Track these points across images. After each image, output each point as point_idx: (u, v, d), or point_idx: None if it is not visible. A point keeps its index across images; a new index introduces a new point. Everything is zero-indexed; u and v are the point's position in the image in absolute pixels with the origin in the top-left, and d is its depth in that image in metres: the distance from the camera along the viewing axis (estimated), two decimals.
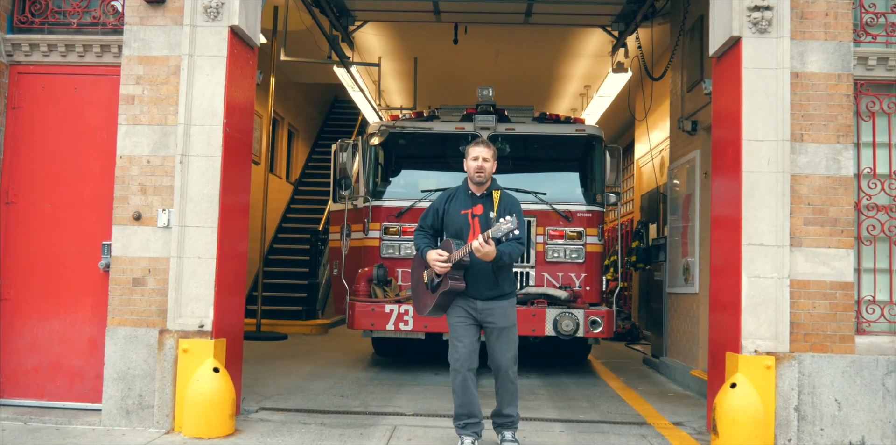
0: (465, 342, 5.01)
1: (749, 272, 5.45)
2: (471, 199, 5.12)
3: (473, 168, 5.06)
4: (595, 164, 9.12)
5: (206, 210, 5.56)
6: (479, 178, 5.06)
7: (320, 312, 13.83)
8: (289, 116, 16.02)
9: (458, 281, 4.94)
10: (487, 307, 5.02)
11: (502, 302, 5.07)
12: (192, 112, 5.60)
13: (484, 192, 5.10)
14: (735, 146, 5.63)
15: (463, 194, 5.17)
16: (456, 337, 5.04)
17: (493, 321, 5.03)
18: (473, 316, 5.03)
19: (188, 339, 5.46)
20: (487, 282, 5.01)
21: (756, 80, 5.55)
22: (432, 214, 5.24)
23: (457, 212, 5.11)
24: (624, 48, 11.11)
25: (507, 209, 5.04)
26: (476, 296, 5.02)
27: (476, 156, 5.06)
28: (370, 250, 8.82)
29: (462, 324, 5.04)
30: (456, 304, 5.08)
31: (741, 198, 5.50)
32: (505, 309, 5.07)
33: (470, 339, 5.02)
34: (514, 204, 5.12)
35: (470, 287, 4.99)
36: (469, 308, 5.03)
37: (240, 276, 6.01)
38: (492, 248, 4.73)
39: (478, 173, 5.05)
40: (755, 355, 5.37)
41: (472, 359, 5.02)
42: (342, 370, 8.72)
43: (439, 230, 5.25)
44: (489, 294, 5.02)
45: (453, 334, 5.07)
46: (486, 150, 5.08)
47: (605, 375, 9.00)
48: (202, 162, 5.59)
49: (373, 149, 9.11)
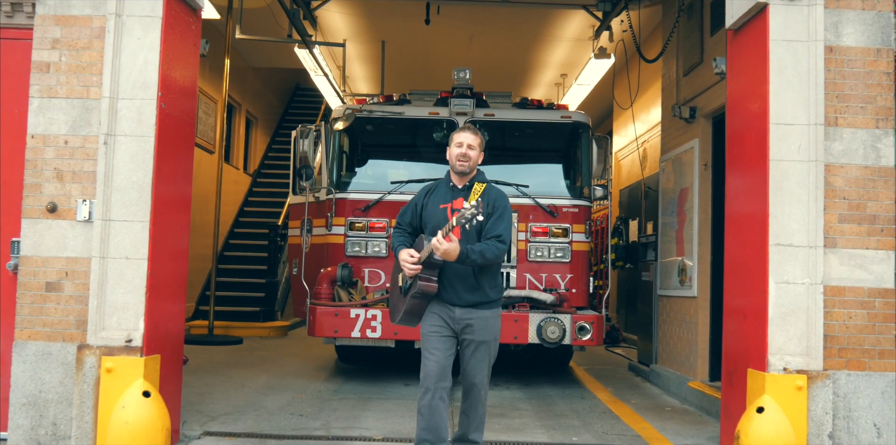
0: (438, 356, 4.30)
1: (777, 277, 4.69)
2: (451, 192, 4.45)
3: (456, 155, 4.38)
4: (582, 154, 8.33)
5: (136, 201, 4.64)
6: (462, 166, 4.37)
7: (279, 313, 12.88)
8: (246, 103, 14.99)
9: (428, 283, 4.22)
10: (467, 317, 4.32)
11: (484, 312, 4.35)
12: (120, 83, 4.67)
13: (466, 184, 4.43)
14: (759, 132, 4.86)
15: (444, 187, 4.50)
16: (428, 350, 4.35)
17: (470, 334, 4.34)
18: (450, 326, 4.33)
19: (113, 356, 4.54)
20: (466, 285, 4.30)
21: (785, 54, 4.78)
22: (411, 210, 4.56)
23: (436, 206, 4.44)
24: (608, 31, 10.35)
25: (489, 204, 4.32)
26: (453, 302, 4.32)
27: (461, 142, 4.39)
28: (334, 248, 7.93)
29: (436, 335, 4.34)
30: (431, 311, 4.37)
31: (767, 191, 4.74)
32: (486, 321, 4.35)
33: (443, 352, 4.31)
34: (498, 198, 4.42)
35: (446, 290, 4.30)
36: (446, 317, 4.33)
37: (179, 279, 5.09)
38: (452, 245, 4.02)
39: (460, 161, 4.36)
40: (784, 373, 4.61)
41: (445, 376, 4.31)
42: (302, 382, 7.82)
43: (419, 228, 4.52)
44: (468, 299, 4.31)
45: (425, 345, 4.37)
46: (473, 136, 4.41)
47: (590, 385, 8.23)
48: (131, 143, 4.66)
49: (337, 135, 8.21)
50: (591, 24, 11.51)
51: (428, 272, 4.22)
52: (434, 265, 4.19)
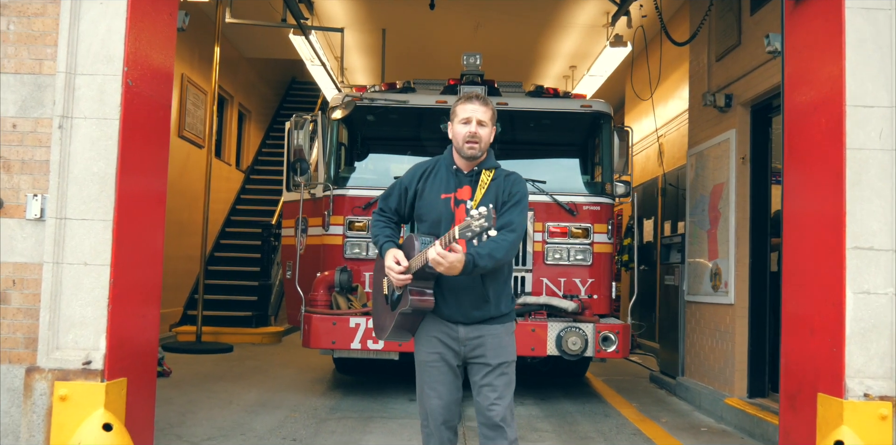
0: (441, 392, 3.42)
1: (855, 287, 3.97)
2: (455, 177, 3.46)
3: (463, 136, 3.39)
4: (602, 147, 7.60)
5: (97, 196, 3.91)
6: (472, 150, 3.39)
7: (273, 318, 12.14)
8: (239, 96, 14.24)
9: (422, 297, 3.29)
10: (475, 335, 3.40)
11: (495, 327, 3.42)
12: (78, 56, 3.94)
13: (474, 168, 3.46)
14: (831, 116, 4.14)
15: (445, 170, 3.49)
16: (428, 385, 3.44)
17: (482, 356, 3.40)
18: (454, 350, 3.41)
19: (68, 381, 3.81)
20: (472, 297, 3.37)
21: (864, 24, 4.06)
22: (399, 193, 3.55)
23: (435, 195, 3.45)
24: (627, 17, 9.61)
25: (502, 193, 3.41)
26: (456, 319, 3.40)
27: (468, 117, 3.39)
28: (331, 250, 7.20)
29: (437, 366, 3.42)
30: (427, 331, 3.44)
31: (843, 185, 4.02)
32: (500, 337, 3.42)
33: (447, 387, 3.42)
34: (515, 183, 3.45)
35: (446, 305, 3.38)
36: (448, 338, 3.41)
37: (151, 288, 4.36)
38: (457, 257, 3.12)
39: (470, 144, 3.38)
40: (865, 400, 3.89)
41: (451, 414, 3.46)
42: (296, 397, 7.09)
43: (407, 217, 3.58)
44: (475, 316, 3.40)
45: (423, 378, 3.47)
46: (484, 109, 3.42)
47: (612, 399, 7.51)
48: (92, 127, 3.93)
49: (335, 126, 7.47)
50: (605, 11, 10.80)
51: (421, 284, 3.29)
52: (427, 275, 3.27)
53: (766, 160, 6.63)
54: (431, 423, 3.44)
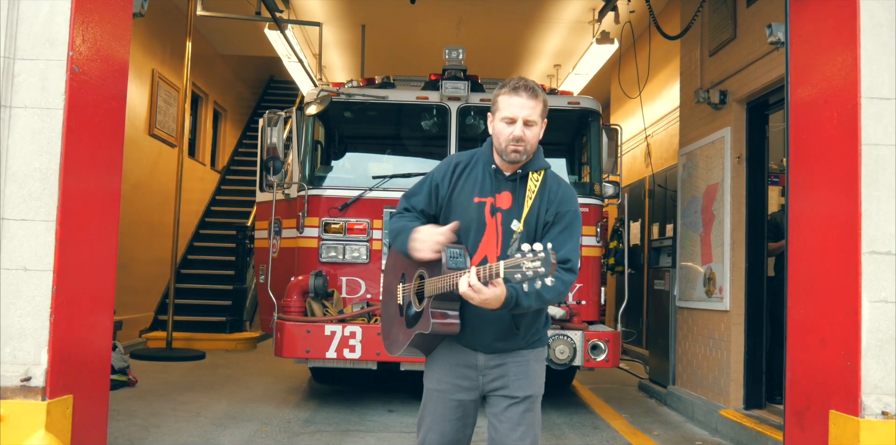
0: (446, 429, 2.88)
1: (872, 295, 3.66)
2: (494, 179, 2.87)
3: (507, 138, 2.76)
4: (591, 146, 7.28)
5: (38, 195, 3.51)
6: (517, 154, 2.78)
7: (248, 323, 11.72)
8: (214, 93, 13.80)
9: (445, 321, 2.74)
10: (497, 363, 2.87)
11: (521, 352, 2.89)
12: (18, 39, 3.54)
13: (518, 171, 2.86)
14: (844, 109, 3.83)
15: (482, 169, 2.89)
16: (431, 416, 2.91)
17: (505, 387, 2.85)
18: (471, 380, 2.88)
19: (5, 399, 3.41)
20: (499, 328, 2.82)
21: (880, 9, 3.75)
22: (429, 191, 2.94)
23: (468, 197, 2.87)
24: (614, 12, 9.32)
25: (549, 208, 2.83)
26: (476, 346, 2.87)
27: (513, 116, 2.75)
28: (305, 253, 6.82)
29: (444, 399, 2.89)
30: (441, 356, 2.91)
31: (858, 184, 3.70)
32: (526, 365, 2.87)
33: (453, 425, 2.89)
34: (564, 199, 2.85)
35: (464, 332, 2.81)
36: (464, 367, 2.88)
37: (102, 292, 3.97)
38: (494, 293, 2.56)
39: (514, 148, 2.77)
40: (884, 419, 3.58)
41: None
42: (268, 409, 6.69)
43: (433, 218, 2.95)
44: (498, 348, 2.87)
45: (429, 408, 2.93)
46: (533, 103, 2.76)
47: (600, 410, 7.18)
48: (33, 118, 3.53)
49: (311, 122, 7.09)
50: (591, 7, 10.51)
51: (445, 305, 2.75)
52: (455, 297, 2.69)
53: (763, 160, 6.33)
54: None
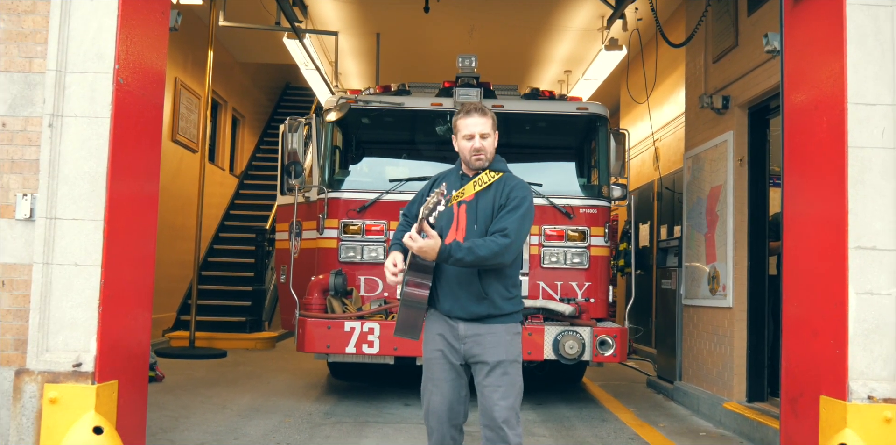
0: (444, 389, 3.49)
1: (858, 287, 3.92)
2: (460, 182, 3.66)
3: (469, 150, 3.55)
4: (599, 149, 7.56)
5: (88, 196, 3.84)
6: (480, 162, 3.56)
7: (267, 323, 12.05)
8: (233, 100, 14.17)
9: (416, 289, 3.42)
10: (473, 333, 3.47)
11: (495, 326, 3.48)
12: (69, 54, 3.88)
13: (478, 171, 3.63)
14: (833, 114, 4.10)
15: (453, 175, 3.71)
16: (431, 380, 3.54)
17: (479, 354, 3.46)
18: (455, 348, 3.50)
19: (58, 384, 3.73)
20: (469, 292, 3.45)
21: (866, 20, 4.03)
22: (418, 200, 3.79)
23: None
24: (622, 20, 9.61)
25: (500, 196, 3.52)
26: (457, 314, 3.48)
27: (470, 133, 3.53)
28: (325, 253, 7.13)
29: (440, 362, 3.51)
30: (431, 329, 3.56)
31: (846, 184, 3.97)
32: (498, 336, 3.46)
33: (449, 384, 3.49)
34: (515, 188, 3.55)
35: (447, 300, 3.49)
36: (450, 336, 3.51)
37: (143, 290, 4.29)
38: (426, 242, 3.24)
39: (476, 157, 3.54)
40: (869, 402, 3.84)
41: (455, 414, 3.51)
42: (290, 402, 7.00)
43: None
44: (474, 312, 3.46)
45: (427, 374, 3.56)
46: (483, 120, 3.55)
47: (609, 404, 7.44)
48: (82, 126, 3.86)
49: (329, 129, 7.41)
50: (600, 14, 10.79)
51: (419, 276, 3.41)
52: (424, 268, 3.39)
53: (764, 162, 6.59)
54: (432, 419, 3.50)
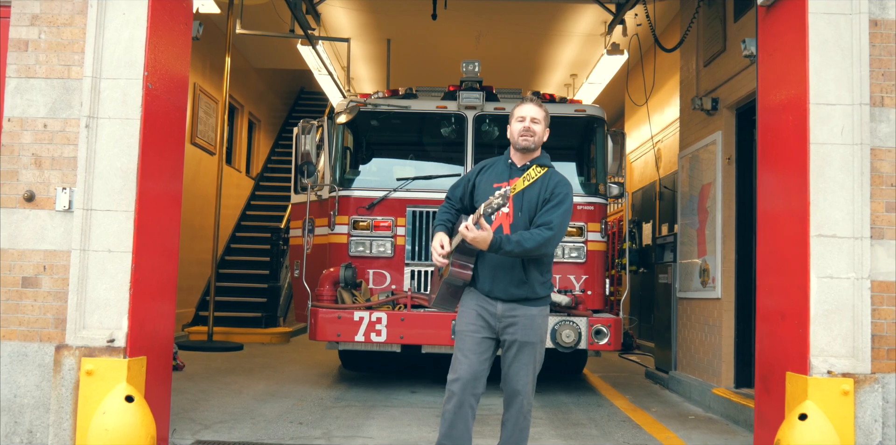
0: (472, 360, 3.84)
1: (819, 272, 4.29)
2: (509, 170, 3.97)
3: (519, 130, 3.91)
4: (597, 150, 7.94)
5: (121, 189, 4.27)
6: (526, 141, 3.90)
7: (281, 319, 12.49)
8: (249, 105, 14.66)
9: (462, 270, 3.82)
10: (510, 314, 3.86)
11: (530, 309, 3.88)
12: (103, 62, 4.31)
13: (526, 163, 3.96)
14: (797, 113, 4.47)
15: (501, 164, 4.03)
16: (461, 351, 3.88)
17: (513, 334, 3.87)
18: (490, 325, 3.88)
19: (94, 358, 4.15)
20: (511, 277, 3.83)
21: (826, 28, 4.40)
22: (463, 184, 4.10)
23: (489, 185, 3.95)
24: (622, 25, 9.97)
25: (545, 191, 3.86)
26: (496, 295, 3.87)
27: (523, 115, 3.92)
28: (336, 248, 7.54)
29: (472, 335, 3.87)
30: (468, 305, 3.93)
31: (808, 178, 4.34)
32: (532, 319, 3.88)
33: (478, 356, 3.85)
34: (559, 184, 3.89)
35: (486, 280, 3.87)
36: (486, 313, 3.88)
37: (168, 277, 4.71)
38: (481, 234, 3.60)
39: (524, 136, 3.89)
40: (829, 377, 4.20)
41: (477, 384, 3.86)
42: (303, 388, 7.42)
43: (469, 206, 4.06)
44: (514, 294, 3.85)
45: (458, 345, 3.92)
46: (537, 109, 3.94)
47: (607, 392, 7.81)
48: (115, 127, 4.29)
49: (340, 130, 7.84)
50: (602, 20, 11.16)
51: (463, 258, 3.80)
52: (470, 252, 3.79)
53: (751, 161, 6.93)
54: (456, 386, 3.80)
